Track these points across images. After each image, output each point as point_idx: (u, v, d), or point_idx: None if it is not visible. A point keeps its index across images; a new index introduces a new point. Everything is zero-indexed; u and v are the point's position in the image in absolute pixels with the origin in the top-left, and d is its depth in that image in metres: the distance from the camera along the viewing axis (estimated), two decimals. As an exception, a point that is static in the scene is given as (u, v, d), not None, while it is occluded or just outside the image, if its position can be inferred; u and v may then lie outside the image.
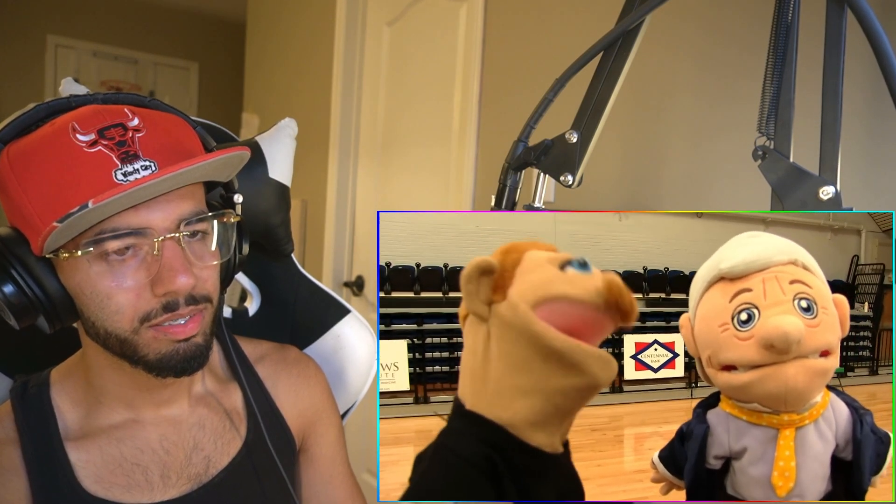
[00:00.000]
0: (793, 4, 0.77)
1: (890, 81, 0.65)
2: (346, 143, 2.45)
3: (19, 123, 0.63)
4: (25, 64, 4.34)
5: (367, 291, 2.39)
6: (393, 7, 2.26)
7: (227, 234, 0.71)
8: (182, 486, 0.73)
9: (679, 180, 1.38)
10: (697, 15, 1.33)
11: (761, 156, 0.77)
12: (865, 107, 1.08)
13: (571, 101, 0.93)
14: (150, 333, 0.65)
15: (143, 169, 0.61)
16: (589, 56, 0.89)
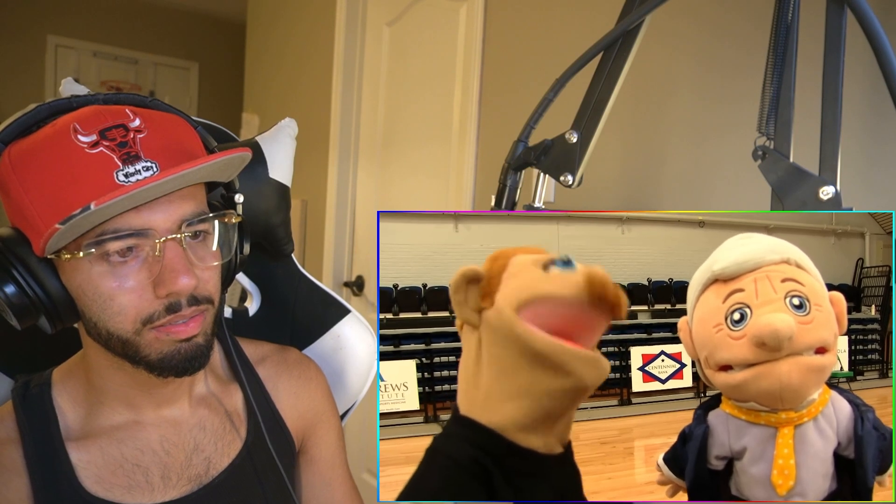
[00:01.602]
0: (793, 4, 0.77)
1: (890, 81, 0.65)
2: (346, 143, 2.45)
3: (20, 124, 0.63)
4: (25, 64, 4.34)
5: (367, 291, 2.39)
6: (393, 7, 2.26)
7: (228, 235, 0.71)
8: (182, 488, 0.73)
9: (679, 180, 1.38)
10: (697, 15, 1.33)
11: (761, 156, 0.77)
12: (865, 107, 1.08)
13: (571, 101, 0.93)
14: (151, 334, 0.65)
15: (144, 170, 0.61)
16: (589, 56, 0.89)
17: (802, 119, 0.78)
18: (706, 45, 1.33)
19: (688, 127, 1.37)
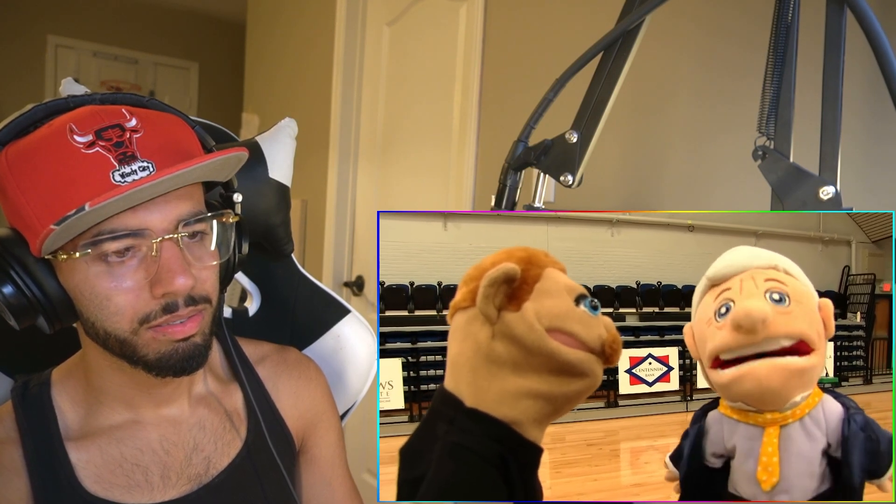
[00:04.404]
0: (793, 4, 0.77)
1: (890, 82, 0.65)
2: (346, 142, 2.45)
3: (17, 124, 0.63)
4: (25, 64, 4.35)
5: (367, 291, 2.39)
6: (393, 7, 2.26)
7: (226, 235, 0.71)
8: (182, 487, 0.73)
9: (679, 180, 1.38)
10: (697, 15, 1.33)
11: (761, 156, 0.77)
12: (865, 107, 1.07)
13: (571, 101, 0.93)
14: (149, 334, 0.65)
15: (140, 170, 0.61)
16: (589, 56, 0.89)
17: (802, 119, 0.78)
18: (706, 45, 1.33)
19: (688, 127, 1.37)
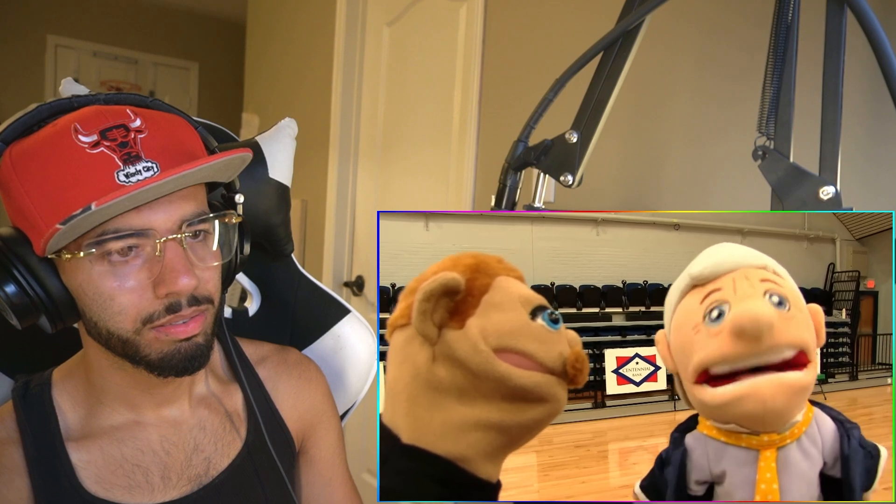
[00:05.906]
0: (793, 4, 0.77)
1: (890, 82, 0.65)
2: (346, 143, 2.45)
3: (21, 124, 0.63)
4: (25, 64, 4.35)
5: (367, 291, 2.39)
6: (393, 7, 2.26)
7: (228, 235, 0.72)
8: (182, 488, 0.74)
9: (679, 180, 1.38)
10: (697, 15, 1.34)
11: (761, 156, 0.77)
12: (865, 107, 1.08)
13: (571, 101, 0.93)
14: (151, 334, 0.65)
15: (145, 170, 0.61)
16: (589, 56, 0.89)
17: (802, 119, 0.78)
18: (706, 46, 1.33)
19: (688, 127, 1.37)
